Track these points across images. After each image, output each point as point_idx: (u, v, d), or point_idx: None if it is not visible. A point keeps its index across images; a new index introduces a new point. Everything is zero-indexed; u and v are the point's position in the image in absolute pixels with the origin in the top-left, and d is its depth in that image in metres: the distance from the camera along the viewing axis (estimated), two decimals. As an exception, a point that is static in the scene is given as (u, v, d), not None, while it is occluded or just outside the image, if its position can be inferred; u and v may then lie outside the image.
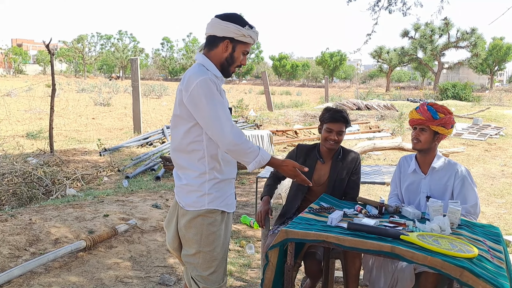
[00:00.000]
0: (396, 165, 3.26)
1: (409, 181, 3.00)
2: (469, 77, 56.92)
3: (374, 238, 2.17)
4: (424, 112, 2.85)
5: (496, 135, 13.28)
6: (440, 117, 2.83)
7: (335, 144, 3.06)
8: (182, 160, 2.24)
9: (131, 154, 9.42)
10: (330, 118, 3.05)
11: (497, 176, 8.02)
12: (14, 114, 14.98)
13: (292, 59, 77.93)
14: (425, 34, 45.28)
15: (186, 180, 2.24)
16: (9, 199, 6.14)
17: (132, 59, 12.18)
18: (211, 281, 2.27)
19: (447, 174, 2.89)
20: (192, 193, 2.23)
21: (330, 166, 3.13)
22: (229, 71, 2.29)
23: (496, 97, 32.00)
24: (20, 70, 68.44)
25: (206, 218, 2.22)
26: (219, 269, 2.29)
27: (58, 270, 3.52)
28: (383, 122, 16.26)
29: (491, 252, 2.17)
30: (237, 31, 2.18)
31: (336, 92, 36.03)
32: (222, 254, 2.29)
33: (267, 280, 2.51)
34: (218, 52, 2.23)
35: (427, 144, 2.88)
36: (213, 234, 2.24)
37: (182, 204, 2.27)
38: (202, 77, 2.11)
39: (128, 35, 76.57)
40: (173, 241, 2.37)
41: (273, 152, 9.72)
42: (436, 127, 2.83)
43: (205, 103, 2.09)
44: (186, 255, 2.31)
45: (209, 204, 2.21)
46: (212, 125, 2.09)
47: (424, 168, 2.96)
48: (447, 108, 2.91)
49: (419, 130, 2.89)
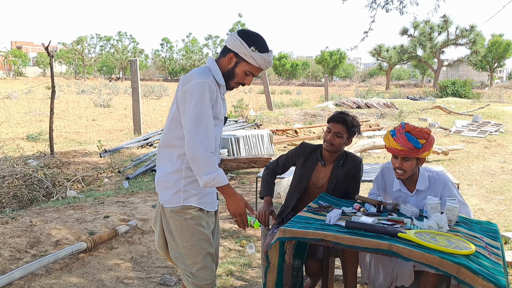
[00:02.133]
0: None
1: (396, 196, 2.92)
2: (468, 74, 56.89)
3: (372, 236, 2.18)
4: (405, 143, 2.63)
5: (496, 132, 13.28)
6: (422, 145, 2.63)
7: (331, 145, 2.99)
8: (164, 154, 2.28)
9: (132, 155, 9.43)
10: (331, 117, 3.03)
11: (497, 173, 8.02)
12: (14, 117, 15.00)
13: (292, 58, 77.85)
14: (424, 32, 45.22)
15: (162, 176, 2.28)
16: (9, 201, 6.15)
17: (132, 60, 12.19)
18: (200, 278, 2.28)
19: (433, 193, 2.77)
20: (168, 190, 2.26)
21: (331, 170, 3.08)
22: (229, 84, 2.30)
23: (496, 94, 32.00)
24: (20, 72, 68.45)
25: (183, 214, 2.25)
26: (206, 265, 2.29)
27: (59, 272, 3.53)
28: (383, 120, 16.27)
29: (488, 249, 2.18)
30: (241, 48, 2.19)
31: (336, 91, 36.02)
32: (206, 251, 2.29)
33: (270, 283, 2.50)
34: (223, 62, 2.26)
35: (412, 171, 2.74)
36: (191, 228, 2.26)
37: (161, 201, 2.32)
38: (202, 79, 2.13)
39: (128, 36, 76.56)
40: (159, 239, 2.40)
41: (274, 152, 9.72)
42: (420, 155, 2.67)
43: (193, 104, 2.11)
44: (172, 252, 2.34)
45: (184, 201, 2.24)
46: (189, 126, 2.12)
47: (409, 186, 2.85)
48: (424, 129, 2.71)
49: (402, 159, 2.70)
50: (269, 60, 2.23)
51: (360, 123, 3.10)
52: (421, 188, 2.79)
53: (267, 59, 2.22)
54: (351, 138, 3.06)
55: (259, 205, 5.41)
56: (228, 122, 13.35)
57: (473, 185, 7.14)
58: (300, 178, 3.13)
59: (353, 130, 3.00)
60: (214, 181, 2.14)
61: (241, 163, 7.74)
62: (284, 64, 73.65)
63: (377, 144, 9.20)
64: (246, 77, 2.28)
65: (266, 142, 9.56)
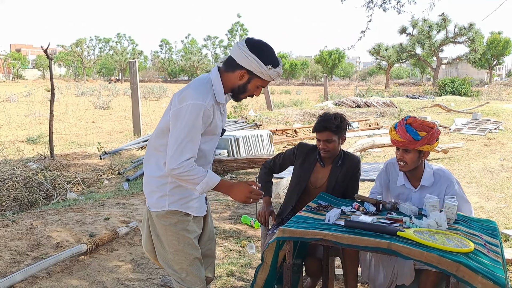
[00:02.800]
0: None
1: (399, 192, 2.92)
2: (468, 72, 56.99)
3: (372, 235, 2.19)
4: (403, 134, 2.67)
5: (495, 129, 13.28)
6: (421, 137, 2.64)
7: (327, 152, 2.99)
8: (151, 156, 2.24)
9: (132, 156, 9.43)
10: (315, 128, 3.01)
11: (497, 171, 8.03)
12: (14, 119, 15.00)
13: (291, 58, 77.83)
14: (423, 30, 45.23)
15: (147, 178, 2.25)
16: (10, 204, 6.16)
17: (131, 62, 12.20)
18: (188, 282, 2.26)
19: (437, 190, 2.79)
20: (153, 194, 2.23)
21: (329, 170, 3.08)
22: (239, 97, 2.24)
23: (495, 92, 32.00)
24: (19, 75, 68.47)
25: (168, 219, 2.22)
26: (194, 270, 2.26)
27: (59, 274, 3.54)
28: (382, 119, 16.27)
29: (488, 246, 2.19)
30: (257, 67, 2.09)
31: (336, 90, 36.03)
32: (192, 256, 2.26)
33: (260, 280, 2.50)
34: (233, 77, 2.16)
35: (413, 164, 2.75)
36: (177, 234, 2.22)
37: (148, 204, 2.29)
38: (199, 102, 2.06)
39: (127, 37, 76.47)
40: (146, 243, 2.37)
41: (273, 152, 9.72)
42: (420, 147, 2.68)
43: (182, 124, 2.06)
44: (159, 256, 2.31)
45: (169, 205, 2.20)
46: (173, 145, 2.07)
47: (413, 182, 2.86)
48: (428, 123, 2.72)
49: (403, 151, 2.74)
50: (281, 71, 2.18)
51: (345, 116, 3.08)
52: (426, 184, 2.80)
53: (280, 71, 2.16)
54: (344, 136, 3.03)
55: (258, 205, 5.41)
56: (228, 123, 13.35)
57: (473, 183, 7.15)
58: (299, 178, 3.12)
59: (340, 129, 2.96)
60: (207, 186, 2.11)
61: (241, 163, 7.74)
62: (283, 64, 73.55)
63: (377, 143, 9.20)
64: (257, 90, 2.21)
65: (266, 142, 9.57)
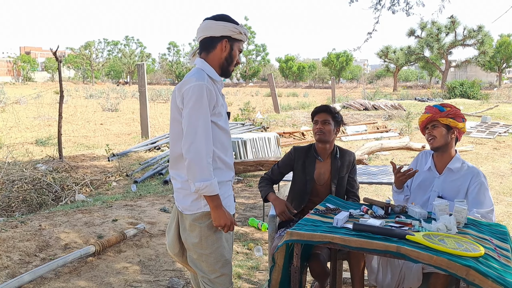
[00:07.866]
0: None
1: (422, 177, 2.98)
2: (477, 75, 56.53)
3: (380, 238, 2.17)
4: (430, 109, 2.92)
5: (505, 133, 13.16)
6: (446, 110, 2.86)
7: (322, 134, 3.09)
8: (180, 163, 2.21)
9: (139, 158, 9.47)
10: (314, 110, 3.21)
11: (506, 174, 7.95)
12: (23, 122, 15.12)
13: (299, 61, 77.89)
14: (431, 33, 45.01)
15: (181, 184, 2.23)
16: (19, 205, 6.21)
17: (139, 64, 12.26)
18: (218, 284, 2.27)
19: (463, 177, 2.83)
20: (187, 197, 2.21)
21: (330, 164, 3.17)
22: (229, 70, 2.31)
23: (504, 95, 31.74)
24: (28, 77, 69.18)
25: (204, 221, 2.21)
26: (225, 271, 2.28)
27: (67, 275, 3.55)
28: (390, 122, 16.19)
29: (498, 251, 2.16)
30: (234, 29, 2.22)
31: (343, 93, 35.94)
32: (225, 257, 2.28)
33: (274, 281, 2.52)
34: (216, 53, 2.26)
35: (443, 138, 2.85)
36: (212, 236, 2.23)
37: (180, 208, 2.28)
38: (198, 82, 2.10)
39: (135, 40, 77.22)
40: (174, 246, 2.38)
41: (281, 154, 9.71)
42: (446, 120, 2.83)
43: (190, 107, 2.08)
44: (190, 259, 2.32)
45: (205, 207, 2.19)
46: (187, 129, 2.09)
47: (439, 167, 2.94)
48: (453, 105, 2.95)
49: (431, 127, 2.89)
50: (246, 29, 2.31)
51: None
52: (452, 167, 2.88)
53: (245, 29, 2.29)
54: (338, 127, 3.19)
55: (266, 209, 5.41)
56: (235, 125, 13.37)
57: (482, 186, 7.08)
58: (305, 178, 3.17)
59: (337, 117, 3.15)
60: (206, 189, 2.08)
61: (248, 166, 7.74)
62: (291, 67, 73.63)
63: (385, 146, 9.16)
64: (238, 56, 2.32)
65: (273, 145, 9.56)
